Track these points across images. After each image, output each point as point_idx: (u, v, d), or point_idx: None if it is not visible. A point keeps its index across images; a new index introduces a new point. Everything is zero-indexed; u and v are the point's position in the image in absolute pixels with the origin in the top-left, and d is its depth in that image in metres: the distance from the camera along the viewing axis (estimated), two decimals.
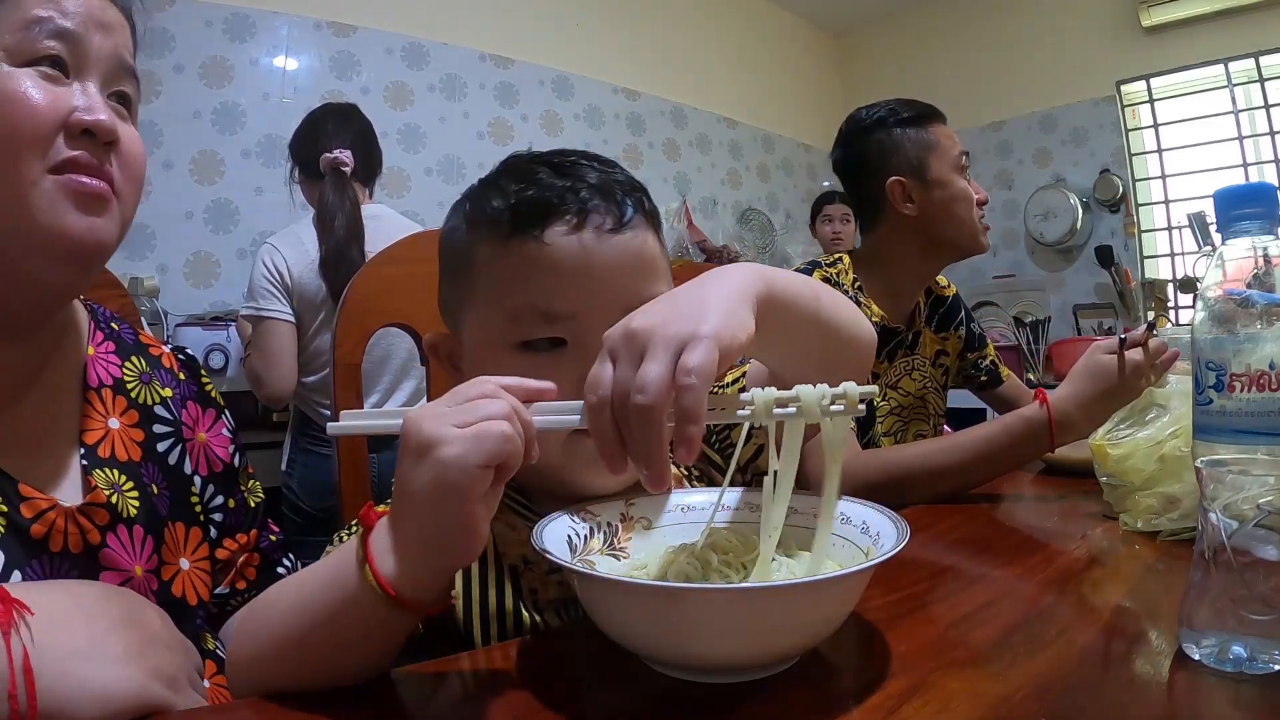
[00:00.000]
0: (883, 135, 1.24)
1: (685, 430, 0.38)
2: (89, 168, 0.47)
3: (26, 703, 0.36)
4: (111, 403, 0.56)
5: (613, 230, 0.53)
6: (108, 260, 0.52)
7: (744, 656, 0.41)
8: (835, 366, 0.55)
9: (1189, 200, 3.13)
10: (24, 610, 0.38)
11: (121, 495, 0.52)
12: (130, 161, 0.51)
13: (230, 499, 0.64)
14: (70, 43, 0.48)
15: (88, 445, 0.53)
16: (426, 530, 0.40)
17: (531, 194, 0.53)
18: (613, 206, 0.54)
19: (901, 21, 4.05)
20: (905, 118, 1.23)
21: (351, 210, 1.62)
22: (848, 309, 0.56)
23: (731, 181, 3.71)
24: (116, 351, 0.59)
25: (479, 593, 0.53)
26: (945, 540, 0.75)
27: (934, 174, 1.20)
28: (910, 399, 1.28)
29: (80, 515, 0.49)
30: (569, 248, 0.52)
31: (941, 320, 1.34)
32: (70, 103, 0.47)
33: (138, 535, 0.52)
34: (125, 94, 0.52)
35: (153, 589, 0.53)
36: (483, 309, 0.55)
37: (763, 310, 0.45)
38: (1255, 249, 0.48)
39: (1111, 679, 0.42)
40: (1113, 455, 0.76)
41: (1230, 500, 0.42)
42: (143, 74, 0.54)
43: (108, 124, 0.47)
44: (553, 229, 0.52)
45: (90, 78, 0.49)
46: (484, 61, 2.89)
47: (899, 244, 1.23)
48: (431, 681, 0.45)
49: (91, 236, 0.47)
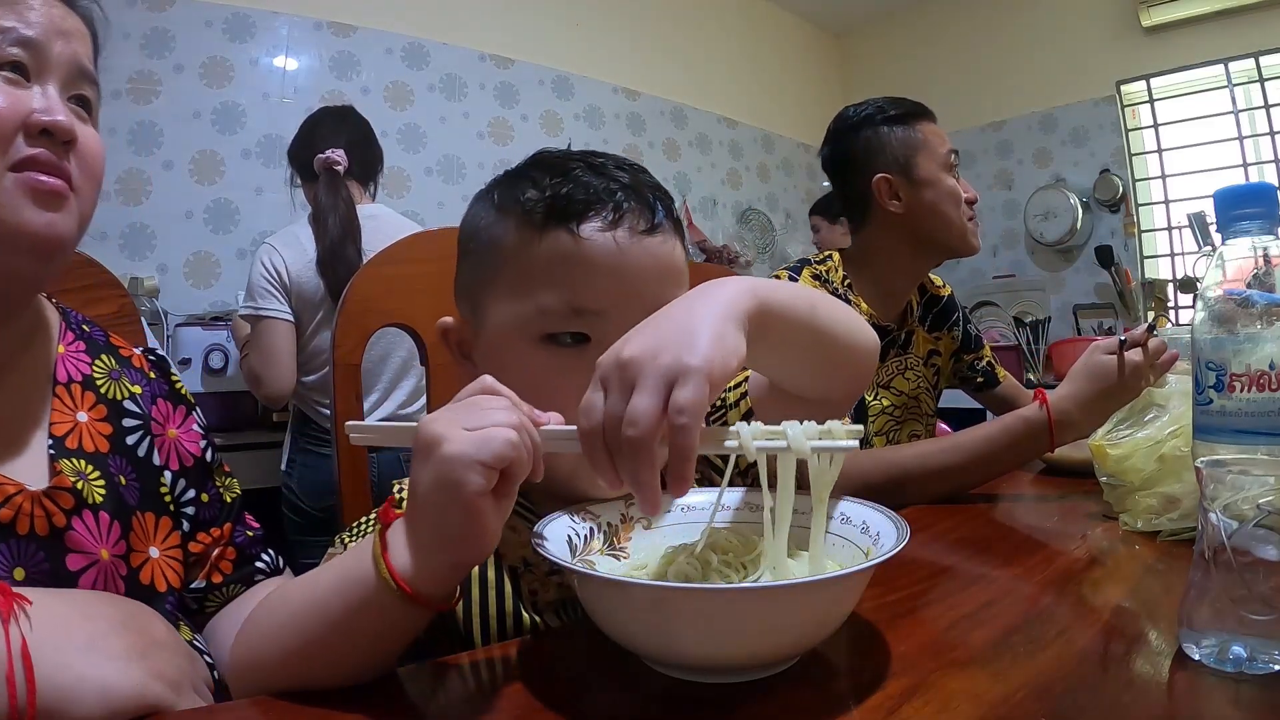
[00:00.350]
0: (869, 133, 1.24)
1: (680, 469, 0.39)
2: (48, 165, 0.49)
3: (25, 692, 0.36)
4: (80, 398, 0.58)
5: (645, 232, 0.54)
6: (69, 253, 0.54)
7: (744, 656, 0.41)
8: (834, 375, 0.56)
9: (1189, 200, 3.13)
10: (23, 602, 0.38)
11: (87, 483, 0.54)
12: (88, 160, 0.53)
13: (203, 493, 0.64)
14: (32, 49, 0.50)
15: (55, 436, 0.54)
16: (435, 527, 0.41)
17: (568, 188, 0.53)
18: (645, 209, 0.54)
19: (901, 21, 4.04)
20: (892, 115, 1.23)
21: (345, 209, 1.62)
22: (846, 316, 0.56)
23: (731, 181, 3.71)
24: (87, 350, 0.61)
25: (479, 593, 0.53)
26: (945, 540, 0.75)
27: (921, 172, 1.20)
28: (904, 399, 1.27)
29: (46, 499, 0.51)
30: (604, 245, 0.52)
31: (935, 320, 1.34)
32: (30, 105, 0.49)
33: (104, 521, 0.54)
34: (85, 97, 0.55)
35: (121, 574, 0.54)
36: (508, 296, 0.55)
37: (755, 327, 0.45)
38: (1255, 249, 0.48)
39: (1111, 679, 0.42)
40: (1112, 455, 0.76)
41: (1230, 500, 0.42)
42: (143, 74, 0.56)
43: (65, 124, 0.50)
44: (588, 224, 0.52)
45: (50, 81, 0.52)
46: (484, 61, 2.89)
47: (887, 242, 1.23)
48: (432, 681, 0.45)
49: (50, 231, 0.50)
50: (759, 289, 0.47)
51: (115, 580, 0.53)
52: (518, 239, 0.54)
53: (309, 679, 0.43)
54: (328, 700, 0.41)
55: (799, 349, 0.52)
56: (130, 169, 2.14)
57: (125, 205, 2.13)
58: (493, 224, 0.57)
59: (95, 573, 0.52)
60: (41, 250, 0.50)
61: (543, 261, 0.53)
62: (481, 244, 0.57)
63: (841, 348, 0.55)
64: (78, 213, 0.52)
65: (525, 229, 0.54)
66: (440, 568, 0.42)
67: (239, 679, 0.47)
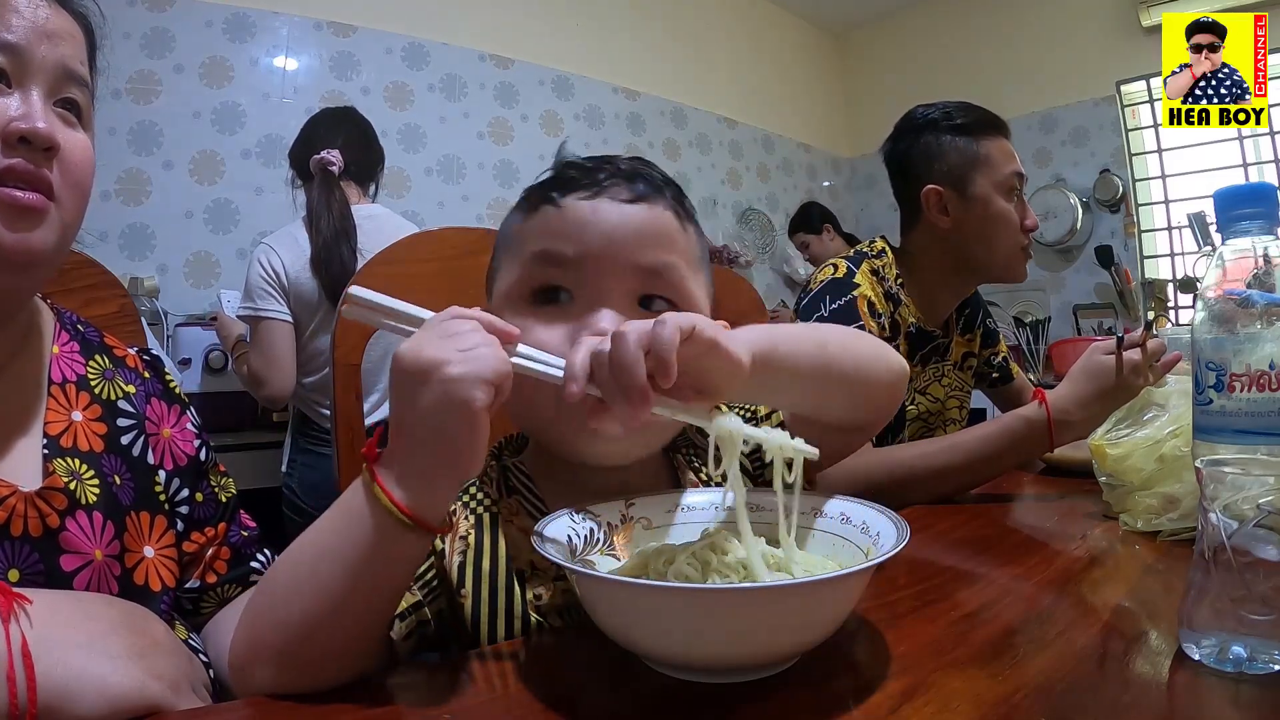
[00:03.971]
0: (930, 138, 1.19)
1: (662, 363, 0.41)
2: (25, 175, 0.48)
3: (25, 689, 0.36)
4: (75, 397, 0.58)
5: (627, 201, 0.57)
6: (50, 265, 0.53)
7: (744, 656, 0.41)
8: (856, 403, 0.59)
9: (1189, 200, 3.13)
10: (24, 601, 0.38)
11: (81, 483, 0.54)
12: (72, 168, 0.52)
13: (198, 493, 0.64)
14: (12, 55, 0.49)
15: (50, 436, 0.54)
16: (436, 449, 0.42)
17: (561, 172, 0.59)
18: (632, 185, 0.58)
19: (901, 21, 4.04)
20: (958, 124, 1.18)
21: (340, 210, 1.62)
22: (861, 347, 0.59)
23: (731, 181, 3.71)
24: (81, 351, 0.61)
25: (489, 594, 0.54)
26: (945, 540, 0.75)
27: (975, 189, 1.16)
28: (937, 405, 1.26)
29: (39, 499, 0.50)
30: (581, 206, 0.57)
31: (967, 321, 1.32)
32: (8, 113, 0.48)
33: (97, 521, 0.53)
34: (74, 101, 0.53)
35: (114, 574, 0.54)
36: (506, 270, 0.60)
37: (760, 361, 0.47)
38: (1255, 249, 0.48)
39: (1111, 679, 0.42)
40: (1112, 455, 0.76)
41: (1230, 500, 0.42)
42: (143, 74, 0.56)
43: (44, 132, 0.49)
44: (571, 195, 0.57)
45: (33, 87, 0.50)
46: (484, 61, 2.89)
47: (930, 254, 1.20)
48: (432, 681, 0.45)
49: (22, 247, 0.49)
50: (772, 333, 0.50)
51: (109, 580, 0.53)
52: (516, 218, 0.60)
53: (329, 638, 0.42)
54: (328, 700, 0.41)
55: (810, 386, 0.55)
56: (130, 169, 2.14)
57: (125, 205, 2.13)
58: (508, 218, 0.62)
59: (89, 573, 0.52)
60: (16, 266, 0.50)
61: (530, 232, 0.58)
62: (499, 237, 0.63)
63: (856, 383, 0.57)
64: (59, 223, 0.51)
65: (521, 210, 0.60)
66: (439, 490, 0.44)
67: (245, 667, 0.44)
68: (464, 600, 0.52)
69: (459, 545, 0.54)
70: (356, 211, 1.65)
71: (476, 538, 0.54)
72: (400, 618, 0.49)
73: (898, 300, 1.18)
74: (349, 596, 0.42)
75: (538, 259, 0.56)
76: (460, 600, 0.52)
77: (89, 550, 0.52)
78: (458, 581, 0.53)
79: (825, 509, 0.52)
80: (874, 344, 0.60)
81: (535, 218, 0.58)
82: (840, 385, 0.57)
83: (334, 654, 0.43)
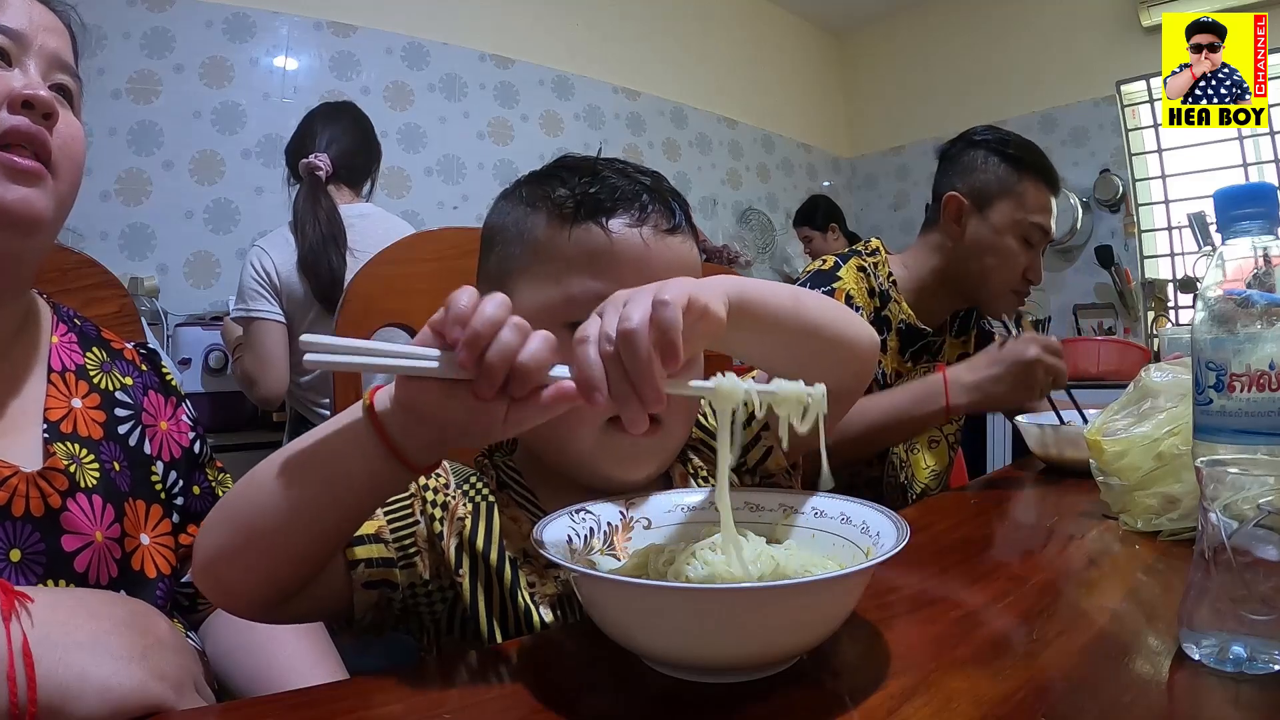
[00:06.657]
0: (980, 152, 1.21)
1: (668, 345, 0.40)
2: (28, 134, 0.51)
3: (26, 689, 0.36)
4: (74, 385, 0.59)
5: (668, 231, 0.58)
6: (49, 233, 0.55)
7: (744, 656, 0.41)
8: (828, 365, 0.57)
9: (1189, 200, 3.13)
10: (25, 600, 0.38)
11: (81, 466, 0.54)
12: (68, 142, 0.54)
13: (194, 486, 0.65)
14: (13, 38, 0.53)
15: (50, 421, 0.55)
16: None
17: (597, 187, 0.57)
18: (667, 209, 0.59)
19: (901, 21, 4.04)
20: (1008, 152, 1.19)
21: (325, 214, 1.61)
22: (836, 310, 0.59)
23: (731, 181, 3.71)
24: (79, 342, 0.62)
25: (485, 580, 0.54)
26: (945, 540, 0.75)
27: (994, 215, 1.17)
28: None
29: (40, 480, 0.51)
30: (632, 239, 0.56)
31: (962, 323, 1.34)
32: (10, 84, 0.51)
33: (97, 504, 0.54)
34: (65, 86, 0.56)
35: (114, 557, 0.54)
36: (537, 283, 0.58)
37: (735, 307, 0.47)
38: (1255, 249, 0.48)
39: (1111, 679, 0.42)
40: (1108, 451, 0.76)
41: (1230, 500, 0.42)
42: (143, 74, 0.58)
43: (46, 97, 0.52)
44: (616, 220, 0.56)
45: (31, 66, 0.53)
46: (484, 61, 2.89)
47: (933, 258, 1.23)
48: (431, 681, 0.45)
49: (24, 206, 0.51)
50: (741, 280, 0.51)
51: (109, 563, 0.54)
52: (548, 231, 0.57)
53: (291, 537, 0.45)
54: (328, 700, 0.41)
55: (785, 335, 0.54)
56: (130, 169, 2.14)
57: (125, 205, 2.13)
58: (522, 218, 0.59)
59: (90, 554, 0.52)
60: (19, 224, 0.51)
61: (573, 253, 0.56)
62: (510, 236, 0.60)
63: (830, 338, 0.57)
64: (55, 193, 0.53)
65: (556, 222, 0.57)
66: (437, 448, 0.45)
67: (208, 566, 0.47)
68: (461, 580, 0.54)
69: (456, 527, 0.55)
70: (348, 211, 1.64)
71: (473, 522, 0.55)
72: (367, 564, 0.51)
73: (887, 297, 1.20)
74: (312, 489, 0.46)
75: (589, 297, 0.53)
76: (458, 580, 0.54)
77: (90, 531, 0.53)
78: (455, 563, 0.54)
79: (825, 509, 0.52)
80: (845, 308, 0.61)
81: (576, 238, 0.56)
82: (816, 339, 0.56)
83: (293, 556, 0.46)
